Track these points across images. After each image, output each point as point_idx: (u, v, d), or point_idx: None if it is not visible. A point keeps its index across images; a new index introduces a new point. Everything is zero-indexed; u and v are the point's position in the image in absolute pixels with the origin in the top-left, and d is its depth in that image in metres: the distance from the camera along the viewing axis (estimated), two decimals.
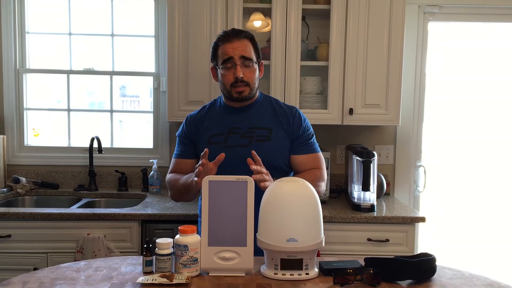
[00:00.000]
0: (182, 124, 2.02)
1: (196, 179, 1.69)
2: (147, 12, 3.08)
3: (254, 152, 1.70)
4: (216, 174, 1.68)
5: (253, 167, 1.64)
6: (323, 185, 1.95)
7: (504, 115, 3.19)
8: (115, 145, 3.17)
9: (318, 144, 2.00)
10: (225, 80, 1.86)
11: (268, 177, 1.68)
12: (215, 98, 2.06)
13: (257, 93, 1.96)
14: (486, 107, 3.18)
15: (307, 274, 1.42)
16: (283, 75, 2.68)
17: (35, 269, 2.36)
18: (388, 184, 2.99)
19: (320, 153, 1.99)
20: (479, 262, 3.18)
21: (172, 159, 2.02)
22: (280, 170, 1.87)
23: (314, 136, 1.99)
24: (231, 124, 1.91)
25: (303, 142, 1.94)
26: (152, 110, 3.13)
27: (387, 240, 2.44)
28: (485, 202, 3.23)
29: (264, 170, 1.68)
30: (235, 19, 2.65)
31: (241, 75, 1.82)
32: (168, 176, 1.99)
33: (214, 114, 1.97)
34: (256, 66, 1.88)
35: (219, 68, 1.88)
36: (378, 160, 2.80)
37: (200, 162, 1.68)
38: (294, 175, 1.92)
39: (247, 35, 1.87)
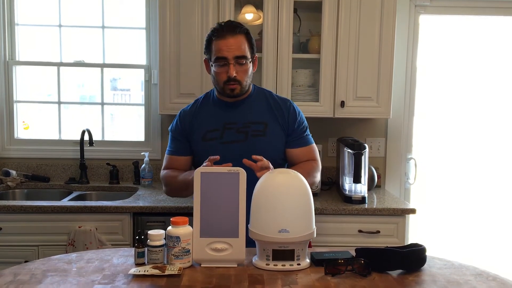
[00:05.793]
0: (175, 119, 2.00)
1: None
2: (138, 4, 3.06)
3: (250, 159, 1.70)
4: None
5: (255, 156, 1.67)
6: (319, 175, 1.99)
7: (495, 109, 3.21)
8: (106, 138, 3.15)
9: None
10: (218, 77, 1.84)
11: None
12: (208, 92, 2.04)
13: (250, 87, 1.95)
14: (477, 100, 3.20)
15: (298, 264, 1.44)
16: (275, 67, 2.68)
17: (26, 262, 2.34)
18: (379, 177, 3.01)
19: (314, 144, 2.01)
20: (469, 253, 3.22)
21: (166, 155, 2.01)
22: (275, 164, 1.87)
23: (308, 128, 2.00)
24: (226, 119, 1.90)
25: (299, 136, 1.95)
26: (143, 102, 3.11)
27: (378, 232, 2.46)
28: (475, 194, 3.25)
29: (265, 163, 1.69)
30: (226, 11, 2.64)
31: (234, 75, 1.80)
32: (163, 172, 1.99)
33: (208, 109, 1.96)
34: (249, 63, 1.86)
35: (212, 64, 1.85)
36: (369, 152, 2.81)
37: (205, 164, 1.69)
38: (290, 167, 1.93)
39: (242, 30, 1.83)
